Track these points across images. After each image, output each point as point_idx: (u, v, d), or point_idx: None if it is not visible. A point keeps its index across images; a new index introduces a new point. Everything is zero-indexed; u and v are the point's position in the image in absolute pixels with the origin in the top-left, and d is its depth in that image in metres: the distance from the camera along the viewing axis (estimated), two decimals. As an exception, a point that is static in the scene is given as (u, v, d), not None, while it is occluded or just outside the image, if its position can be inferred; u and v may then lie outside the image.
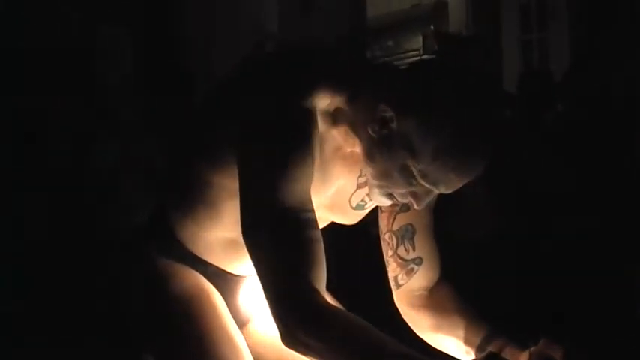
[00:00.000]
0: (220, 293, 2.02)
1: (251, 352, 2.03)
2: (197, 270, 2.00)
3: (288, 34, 3.94)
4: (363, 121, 1.80)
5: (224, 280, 2.04)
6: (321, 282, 1.68)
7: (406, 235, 1.96)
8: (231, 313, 2.03)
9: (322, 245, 1.70)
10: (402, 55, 5.01)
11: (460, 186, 1.78)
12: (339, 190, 1.92)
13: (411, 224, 2.01)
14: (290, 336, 1.66)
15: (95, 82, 3.36)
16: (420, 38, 4.90)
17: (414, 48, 4.92)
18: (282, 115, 1.75)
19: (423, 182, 1.77)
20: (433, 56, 4.85)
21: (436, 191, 1.81)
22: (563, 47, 4.10)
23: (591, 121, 3.38)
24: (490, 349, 1.90)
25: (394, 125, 1.75)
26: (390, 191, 1.83)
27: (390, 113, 1.75)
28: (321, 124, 1.80)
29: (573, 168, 3.25)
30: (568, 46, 4.09)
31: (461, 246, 2.24)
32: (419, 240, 2.02)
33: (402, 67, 1.88)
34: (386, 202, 1.87)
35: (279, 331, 1.68)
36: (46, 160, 3.25)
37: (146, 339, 2.02)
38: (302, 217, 1.70)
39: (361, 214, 2.02)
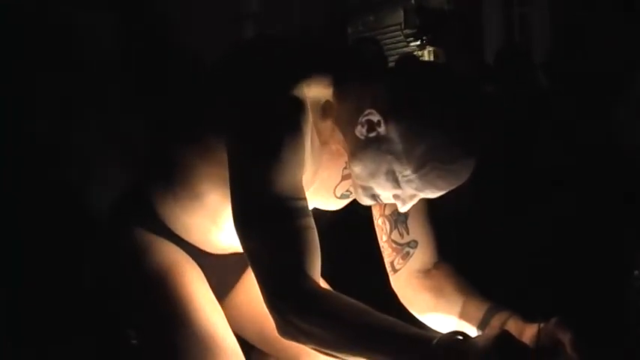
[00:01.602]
0: (202, 267, 2.02)
1: (232, 327, 2.02)
2: (177, 245, 2.00)
3: (268, 11, 3.92)
4: (348, 121, 1.79)
5: (202, 258, 2.04)
6: (315, 269, 1.67)
7: (399, 219, 1.95)
8: (214, 286, 2.03)
9: (316, 233, 1.69)
10: (384, 30, 4.97)
11: (445, 192, 1.78)
12: (323, 180, 1.92)
13: None
14: (287, 325, 1.65)
15: (77, 60, 3.33)
16: (402, 13, 4.87)
17: (395, 23, 4.89)
18: (273, 103, 1.74)
19: (407, 187, 1.77)
20: (414, 30, 4.84)
21: (421, 196, 1.80)
22: (544, 22, 4.10)
23: (573, 97, 3.37)
24: (494, 322, 1.88)
25: (381, 129, 1.74)
26: (374, 193, 1.82)
27: (377, 117, 1.74)
28: (311, 114, 1.79)
29: (558, 144, 3.25)
30: (549, 21, 4.09)
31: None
32: (412, 223, 2.01)
33: (390, 64, 1.87)
34: (369, 202, 1.86)
35: (276, 323, 1.67)
36: (28, 138, 3.23)
37: (126, 312, 2.02)
38: (295, 205, 1.69)
39: (345, 202, 2.01)
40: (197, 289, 1.96)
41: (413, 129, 1.71)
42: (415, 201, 1.82)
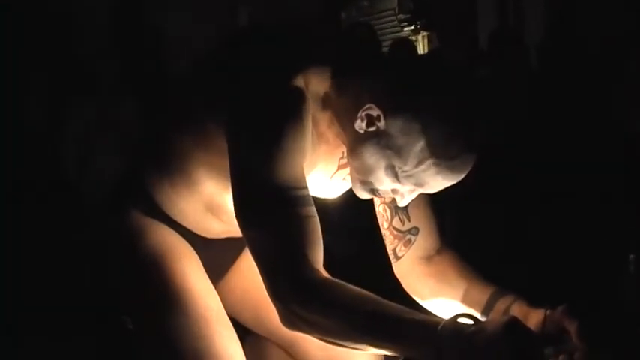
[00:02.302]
0: (197, 251, 2.02)
1: (227, 310, 2.02)
2: (172, 229, 2.00)
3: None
4: (348, 114, 1.79)
5: (198, 241, 2.04)
6: (317, 258, 1.67)
7: (399, 206, 1.95)
8: (210, 270, 2.03)
9: (318, 221, 1.68)
10: (378, 15, 4.97)
11: (443, 187, 1.77)
12: (320, 170, 1.92)
13: None
14: (290, 315, 1.64)
15: (71, 44, 3.33)
16: (396, -2, 4.85)
17: (389, 8, 4.89)
18: (274, 92, 1.73)
19: (407, 183, 1.76)
20: (408, 15, 4.84)
21: (420, 191, 1.80)
22: (538, 5, 4.09)
23: (567, 80, 3.37)
24: (498, 306, 1.88)
25: (381, 124, 1.74)
26: (373, 187, 1.82)
27: (376, 112, 1.73)
28: (311, 104, 1.78)
29: (552, 127, 3.24)
30: (543, 4, 4.08)
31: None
32: (413, 210, 2.01)
33: (390, 58, 1.86)
34: (368, 197, 1.86)
35: (279, 313, 1.66)
36: (21, 124, 3.22)
37: (122, 295, 2.02)
38: (297, 194, 1.68)
39: (342, 190, 2.01)
40: (193, 273, 1.96)
41: (413, 124, 1.71)
42: (414, 196, 1.82)
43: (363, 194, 1.85)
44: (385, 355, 2.13)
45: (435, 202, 2.00)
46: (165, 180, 1.96)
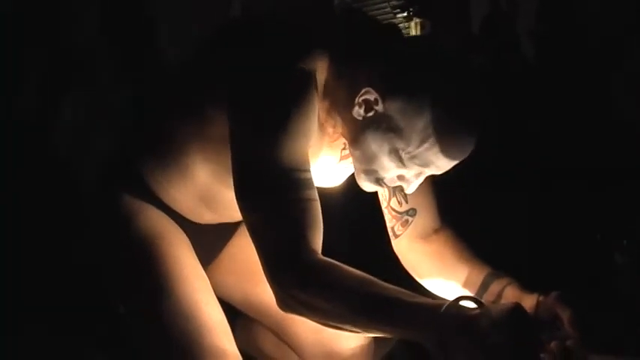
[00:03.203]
0: (188, 235, 2.02)
1: (218, 292, 2.02)
2: (164, 212, 2.00)
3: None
4: (345, 103, 1.78)
5: (189, 225, 2.04)
6: (317, 242, 1.67)
7: (397, 187, 1.95)
8: (200, 254, 2.03)
9: (319, 206, 1.68)
10: (370, 2, 4.95)
11: (451, 167, 1.77)
12: (322, 161, 1.90)
13: None
14: (289, 298, 1.64)
15: (63, 34, 3.31)
16: (389, -16, 4.83)
17: (382, -6, 4.86)
18: (281, 72, 1.72)
19: (412, 165, 1.75)
20: (401, 2, 4.81)
21: (427, 172, 1.79)
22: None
23: (563, 68, 3.36)
24: (493, 287, 1.89)
25: (379, 107, 1.73)
26: (377, 176, 1.81)
27: (374, 95, 1.72)
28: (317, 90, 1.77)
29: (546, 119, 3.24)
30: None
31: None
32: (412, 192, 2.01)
33: (383, 42, 1.84)
34: (373, 188, 1.85)
35: (276, 296, 1.66)
36: (14, 115, 3.21)
37: (113, 279, 2.02)
38: (300, 176, 1.68)
39: (343, 178, 2.01)
40: (183, 257, 1.97)
41: (412, 103, 1.70)
42: (420, 180, 1.81)
43: (368, 185, 1.84)
44: (375, 338, 2.14)
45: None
46: (159, 168, 1.96)
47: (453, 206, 2.10)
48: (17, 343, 2.70)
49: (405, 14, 4.72)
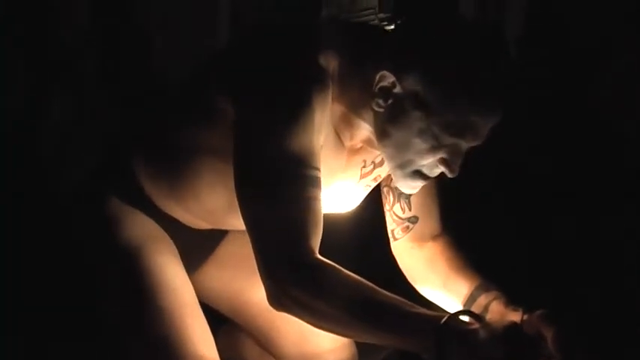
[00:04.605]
0: (176, 242, 2.00)
1: (204, 298, 2.01)
2: (153, 219, 1.98)
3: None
4: (362, 100, 1.76)
5: (178, 230, 2.02)
6: (317, 242, 1.65)
7: (403, 194, 1.92)
8: (187, 259, 2.01)
9: (321, 206, 1.66)
10: (358, 14, 4.97)
11: (486, 130, 1.73)
12: (341, 183, 1.88)
13: None
14: (283, 296, 1.62)
15: (48, 35, 3.30)
16: (377, -5, 4.85)
17: (370, 6, 4.88)
18: (289, 70, 1.70)
19: (447, 137, 1.71)
20: (389, 15, 4.83)
21: (464, 144, 1.75)
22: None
23: (550, 74, 3.37)
24: (480, 300, 1.88)
25: (398, 90, 1.71)
26: (415, 167, 1.78)
27: (390, 79, 1.71)
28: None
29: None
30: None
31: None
32: (416, 199, 2.01)
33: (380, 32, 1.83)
34: (415, 184, 1.81)
35: (269, 292, 1.64)
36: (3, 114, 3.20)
37: (96, 283, 2.00)
38: (307, 172, 1.66)
39: (360, 200, 1.98)
40: (169, 266, 1.96)
41: (431, 68, 1.67)
42: (461, 157, 1.76)
43: (408, 183, 1.81)
44: (362, 351, 2.12)
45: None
46: (154, 169, 1.94)
47: (453, 213, 2.10)
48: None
49: (393, 26, 4.74)
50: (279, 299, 1.65)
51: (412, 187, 1.86)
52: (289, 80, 1.71)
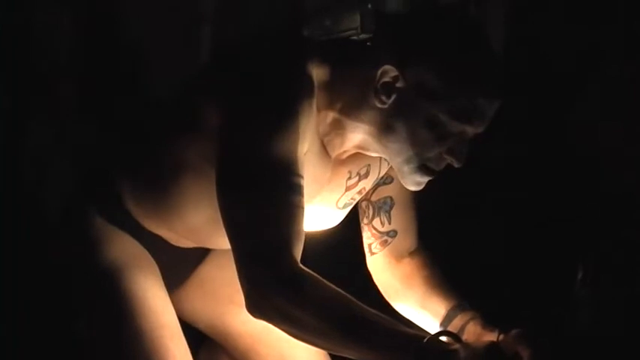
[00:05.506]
0: (159, 261, 2.01)
1: (184, 317, 2.02)
2: (136, 238, 1.99)
3: (223, 13, 3.90)
4: (360, 100, 1.77)
5: (160, 250, 2.03)
6: (299, 251, 1.65)
7: (384, 207, 1.95)
8: (169, 278, 2.03)
9: (304, 214, 1.66)
10: (340, 35, 4.98)
11: (491, 114, 1.74)
12: (325, 195, 1.89)
13: (390, 197, 2.01)
14: (263, 303, 1.61)
15: (31, 58, 3.30)
16: (358, 17, 4.88)
17: (351, 27, 4.89)
18: (275, 78, 1.71)
19: (454, 123, 1.73)
20: (370, 35, 4.84)
21: (470, 131, 1.76)
22: (499, 21, 4.11)
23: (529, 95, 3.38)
24: (456, 321, 1.89)
25: (401, 83, 1.72)
26: (422, 161, 1.78)
27: (392, 73, 1.72)
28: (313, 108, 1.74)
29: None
30: (503, 21, 4.10)
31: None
32: (396, 213, 2.03)
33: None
34: (422, 180, 1.82)
35: (248, 299, 1.63)
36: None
37: (75, 304, 2.00)
38: (290, 179, 1.66)
39: (345, 213, 1.99)
40: (150, 288, 1.96)
41: (438, 57, 1.69)
42: (467, 145, 1.77)
43: (416, 178, 1.81)
44: None
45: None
46: (147, 200, 1.93)
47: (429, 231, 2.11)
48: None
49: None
50: (259, 307, 1.64)
51: (419, 182, 1.86)
52: (274, 88, 1.72)
